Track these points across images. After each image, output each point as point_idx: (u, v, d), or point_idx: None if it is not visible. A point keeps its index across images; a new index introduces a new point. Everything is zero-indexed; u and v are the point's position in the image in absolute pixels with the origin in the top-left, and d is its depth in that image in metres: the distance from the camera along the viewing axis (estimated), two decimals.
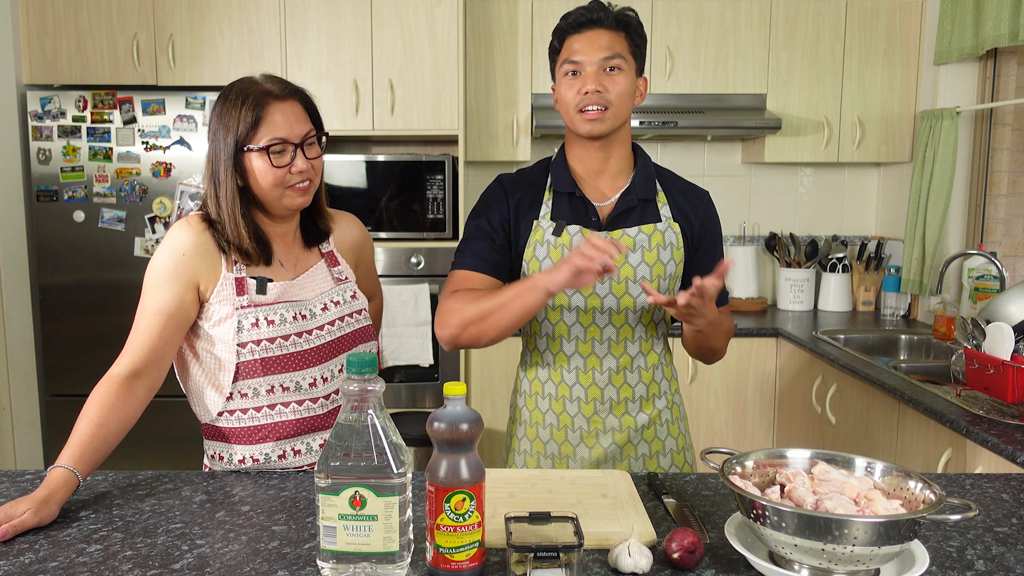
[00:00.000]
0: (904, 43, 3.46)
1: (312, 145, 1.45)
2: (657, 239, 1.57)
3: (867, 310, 3.70)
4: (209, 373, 1.47)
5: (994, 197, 3.21)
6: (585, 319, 1.58)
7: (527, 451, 1.68)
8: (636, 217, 1.59)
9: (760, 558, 1.04)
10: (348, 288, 1.58)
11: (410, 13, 3.21)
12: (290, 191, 1.43)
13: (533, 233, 1.59)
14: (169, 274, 1.40)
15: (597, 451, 1.61)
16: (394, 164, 3.27)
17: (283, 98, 1.41)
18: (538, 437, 1.66)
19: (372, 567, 1.02)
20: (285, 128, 1.40)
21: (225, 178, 1.41)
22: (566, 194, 1.60)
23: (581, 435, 1.62)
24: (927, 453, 2.24)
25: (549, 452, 1.64)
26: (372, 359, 1.02)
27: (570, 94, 1.54)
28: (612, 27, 1.53)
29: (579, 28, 1.54)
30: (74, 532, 1.18)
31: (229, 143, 1.39)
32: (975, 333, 2.11)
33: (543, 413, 1.64)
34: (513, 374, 3.31)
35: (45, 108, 3.17)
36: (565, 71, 1.55)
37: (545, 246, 1.57)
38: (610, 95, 1.52)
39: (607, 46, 1.52)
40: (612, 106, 1.52)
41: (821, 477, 1.10)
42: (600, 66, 1.51)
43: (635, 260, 1.56)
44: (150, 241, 3.22)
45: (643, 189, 1.60)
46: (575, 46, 1.53)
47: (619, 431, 1.61)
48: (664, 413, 1.65)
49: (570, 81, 1.54)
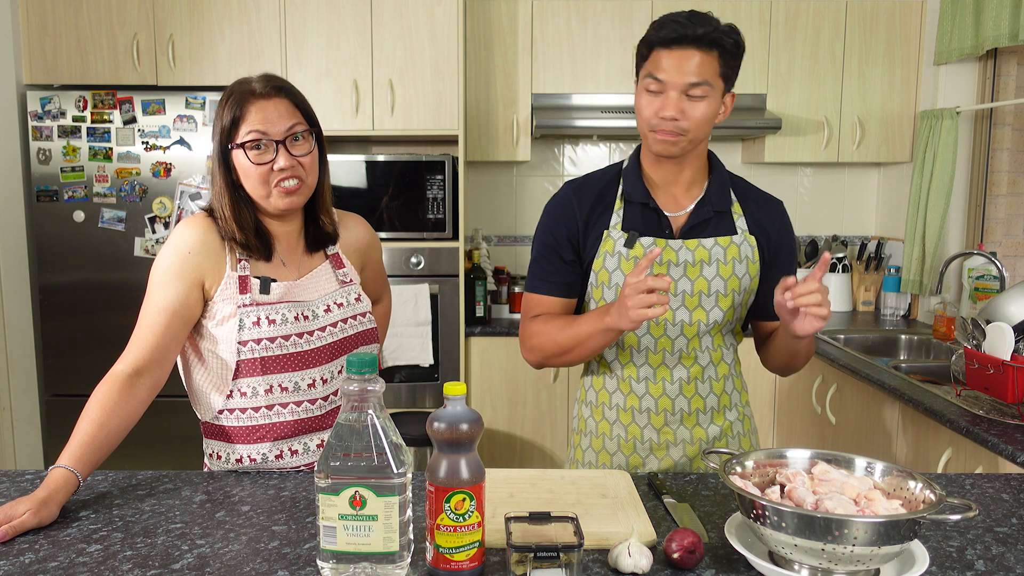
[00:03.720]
0: (904, 43, 3.46)
1: (299, 142, 1.43)
2: (733, 252, 1.52)
3: (867, 310, 3.70)
4: (213, 374, 1.46)
5: (994, 197, 3.21)
6: (656, 331, 1.53)
7: (592, 463, 1.63)
8: (711, 228, 1.53)
9: (760, 558, 1.04)
10: (352, 290, 1.58)
11: (410, 13, 3.20)
12: (276, 191, 1.41)
13: (603, 244, 1.54)
14: (175, 272, 1.40)
15: (667, 463, 1.58)
16: (394, 164, 3.27)
17: (266, 95, 1.41)
18: (604, 449, 1.61)
19: (372, 567, 1.02)
20: (264, 123, 1.39)
21: (216, 173, 1.44)
22: (638, 204, 1.54)
23: (651, 447, 1.57)
24: (927, 453, 2.24)
25: (616, 464, 1.60)
26: (372, 359, 1.02)
27: (648, 111, 1.45)
28: (705, 47, 1.41)
29: (668, 44, 1.41)
30: (74, 532, 1.18)
31: (216, 140, 1.42)
32: (975, 333, 2.11)
33: (611, 424, 1.59)
34: (513, 374, 3.33)
35: (45, 108, 3.17)
36: (647, 84, 1.45)
37: (616, 257, 1.52)
38: (688, 123, 1.43)
39: (695, 71, 1.40)
40: (688, 133, 1.45)
41: (821, 477, 1.10)
42: (684, 90, 1.41)
43: (710, 273, 1.52)
44: (150, 241, 3.22)
45: (718, 200, 1.54)
46: (662, 62, 1.42)
47: (690, 443, 1.57)
48: (736, 425, 1.61)
49: (650, 98, 1.45)
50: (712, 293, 1.52)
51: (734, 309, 1.55)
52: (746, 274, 1.54)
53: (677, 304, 1.52)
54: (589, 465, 1.63)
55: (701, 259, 1.51)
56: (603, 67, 3.42)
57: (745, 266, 1.54)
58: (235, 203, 1.44)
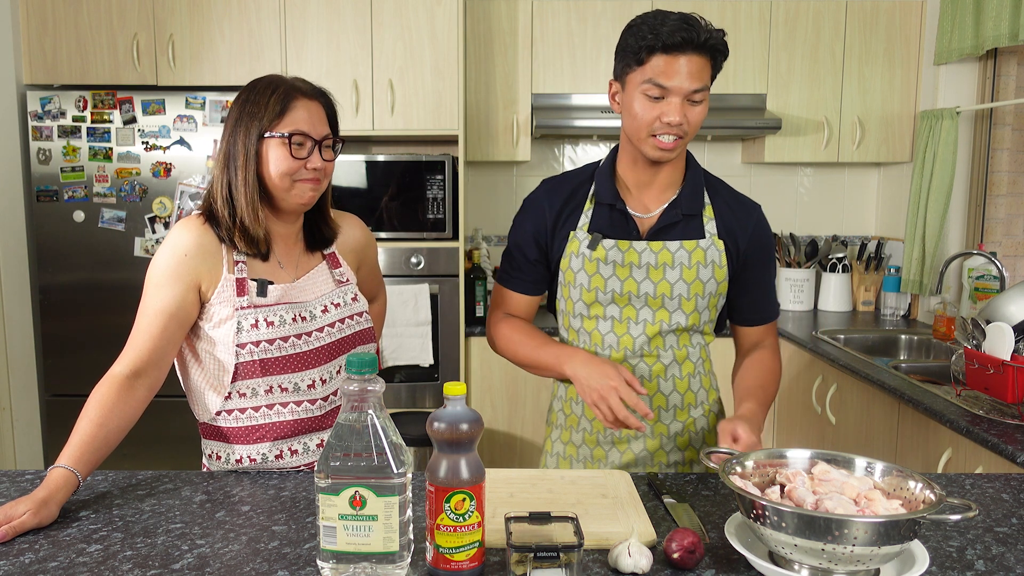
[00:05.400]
0: (904, 43, 3.46)
1: (327, 149, 1.47)
2: (698, 256, 1.53)
3: (867, 310, 3.70)
4: (209, 374, 1.46)
5: (994, 197, 3.21)
6: (619, 328, 1.57)
7: (560, 454, 1.68)
8: (679, 231, 1.54)
9: (760, 558, 1.04)
10: (349, 290, 1.58)
11: (410, 13, 3.21)
12: (299, 184, 1.44)
13: (570, 244, 1.57)
14: (171, 274, 1.40)
15: (628, 456, 1.61)
16: (394, 164, 3.27)
17: (310, 96, 1.45)
18: (571, 441, 1.65)
19: (372, 567, 1.02)
20: (308, 124, 1.43)
21: (245, 162, 1.42)
22: (607, 205, 1.56)
23: (613, 440, 1.61)
24: (927, 453, 2.24)
25: (581, 456, 1.64)
26: (372, 359, 1.02)
27: (648, 116, 1.44)
28: (706, 52, 1.42)
29: (670, 50, 1.40)
30: (74, 532, 1.18)
31: (253, 128, 1.41)
32: (975, 333, 2.11)
33: (578, 417, 1.64)
34: (513, 374, 3.32)
35: (45, 108, 3.17)
36: (647, 90, 1.43)
37: (580, 258, 1.55)
38: (689, 126, 1.45)
39: (698, 76, 1.42)
40: (687, 136, 1.47)
41: (821, 477, 1.10)
42: (687, 96, 1.43)
43: (672, 276, 1.53)
44: (150, 241, 3.22)
45: (689, 204, 1.55)
46: (665, 68, 1.41)
47: (651, 437, 1.60)
48: (699, 421, 1.63)
49: (650, 103, 1.44)
50: (675, 296, 1.54)
51: (698, 312, 1.57)
52: (711, 278, 1.55)
53: (640, 304, 1.55)
54: (558, 456, 1.68)
55: (664, 262, 1.53)
56: (603, 67, 3.42)
57: (711, 270, 1.54)
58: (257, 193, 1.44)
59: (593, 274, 1.55)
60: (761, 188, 3.88)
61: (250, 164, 1.42)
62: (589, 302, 1.57)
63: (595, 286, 1.55)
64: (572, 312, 1.60)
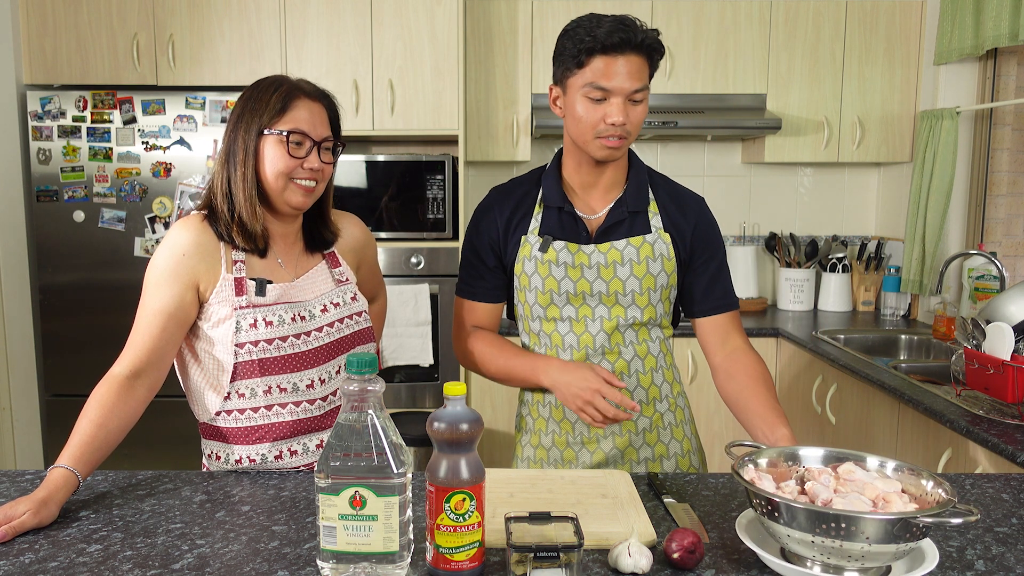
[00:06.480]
0: (904, 43, 3.46)
1: (327, 151, 1.48)
2: (646, 251, 1.56)
3: (867, 310, 3.70)
4: (208, 374, 1.46)
5: (994, 197, 3.21)
6: (578, 327, 1.59)
7: (531, 458, 1.69)
8: (625, 229, 1.57)
9: (772, 555, 1.04)
10: (348, 290, 1.58)
11: (410, 13, 3.21)
12: (293, 185, 1.44)
13: (522, 248, 1.59)
14: (169, 274, 1.40)
15: (598, 455, 1.61)
16: (394, 164, 3.27)
17: (312, 97, 1.46)
18: (541, 444, 1.67)
19: (372, 567, 1.02)
20: (308, 123, 1.44)
21: (244, 158, 1.42)
22: (556, 208, 1.59)
23: (582, 440, 1.62)
24: (927, 453, 2.24)
25: (552, 458, 1.65)
26: (372, 359, 1.02)
27: (592, 117, 1.47)
28: (642, 53, 1.44)
29: (609, 51, 1.42)
30: (74, 532, 1.18)
31: (253, 125, 1.42)
32: (975, 333, 2.11)
33: (545, 420, 1.65)
34: None
35: (45, 108, 3.17)
36: (589, 93, 1.45)
37: (532, 261, 1.58)
38: (632, 126, 1.48)
39: (637, 76, 1.44)
40: (630, 136, 1.50)
41: (846, 476, 1.10)
42: (629, 96, 1.45)
43: (623, 274, 1.56)
44: (150, 241, 3.22)
45: (634, 201, 1.58)
46: (605, 70, 1.43)
47: (619, 435, 1.61)
48: (667, 416, 1.64)
49: (592, 105, 1.46)
50: (628, 292, 1.56)
51: (653, 306, 1.59)
52: (661, 271, 1.57)
53: (596, 303, 1.58)
54: (528, 461, 1.69)
55: (614, 260, 1.56)
56: None
57: (660, 263, 1.57)
58: (255, 189, 1.44)
59: (546, 276, 1.57)
60: (761, 188, 3.88)
61: (249, 160, 1.42)
62: (545, 304, 1.59)
63: (549, 288, 1.58)
64: (530, 316, 1.63)
